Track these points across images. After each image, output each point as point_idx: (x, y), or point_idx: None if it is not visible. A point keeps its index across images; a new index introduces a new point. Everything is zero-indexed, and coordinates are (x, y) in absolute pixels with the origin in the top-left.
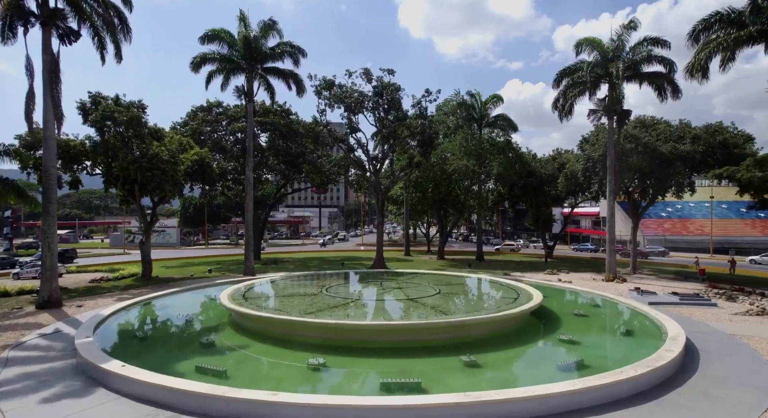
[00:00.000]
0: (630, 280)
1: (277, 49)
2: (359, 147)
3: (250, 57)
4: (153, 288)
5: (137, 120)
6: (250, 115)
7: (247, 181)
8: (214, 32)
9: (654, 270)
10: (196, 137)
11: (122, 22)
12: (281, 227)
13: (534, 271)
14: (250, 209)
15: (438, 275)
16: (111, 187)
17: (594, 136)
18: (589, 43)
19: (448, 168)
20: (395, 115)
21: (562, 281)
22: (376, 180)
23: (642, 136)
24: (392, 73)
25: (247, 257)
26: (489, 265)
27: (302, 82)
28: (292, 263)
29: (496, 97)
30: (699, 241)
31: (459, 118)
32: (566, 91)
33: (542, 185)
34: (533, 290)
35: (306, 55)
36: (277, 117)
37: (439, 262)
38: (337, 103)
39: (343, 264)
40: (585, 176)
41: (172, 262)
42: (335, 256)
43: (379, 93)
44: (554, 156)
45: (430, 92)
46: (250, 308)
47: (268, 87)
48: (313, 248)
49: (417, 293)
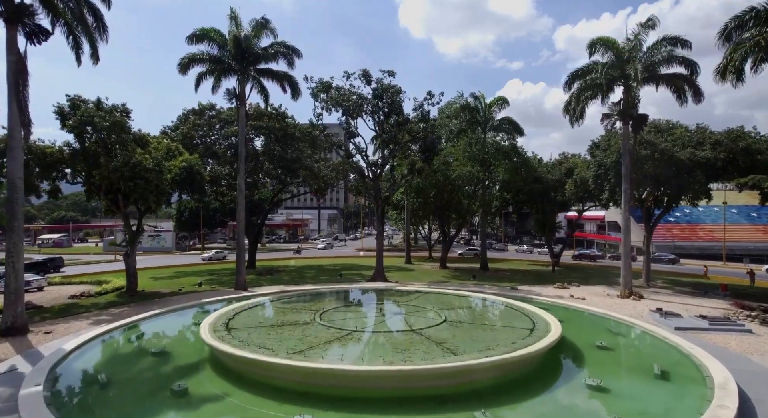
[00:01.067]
0: (646, 296)
1: (271, 49)
2: (358, 152)
3: (241, 58)
4: (135, 307)
5: (119, 125)
6: (241, 120)
7: (239, 189)
8: (203, 31)
9: (668, 282)
10: (186, 142)
11: (97, 20)
12: (279, 230)
13: (542, 283)
14: (241, 219)
15: (442, 295)
16: (93, 196)
17: (605, 141)
18: (603, 44)
19: (452, 174)
20: (396, 119)
21: (574, 297)
22: (375, 187)
23: (658, 142)
24: (392, 75)
25: (239, 271)
26: (494, 275)
27: (297, 84)
28: (287, 273)
29: (501, 100)
30: (709, 247)
31: (462, 121)
32: (579, 95)
33: (549, 191)
34: (549, 316)
35: (301, 56)
36: (272, 121)
37: (441, 272)
38: (335, 106)
39: (341, 275)
40: (596, 183)
41: (163, 271)
42: (333, 264)
43: (379, 96)
44: (561, 160)
45: (433, 95)
46: (231, 345)
47: (262, 89)
48: (311, 253)
49: (420, 322)
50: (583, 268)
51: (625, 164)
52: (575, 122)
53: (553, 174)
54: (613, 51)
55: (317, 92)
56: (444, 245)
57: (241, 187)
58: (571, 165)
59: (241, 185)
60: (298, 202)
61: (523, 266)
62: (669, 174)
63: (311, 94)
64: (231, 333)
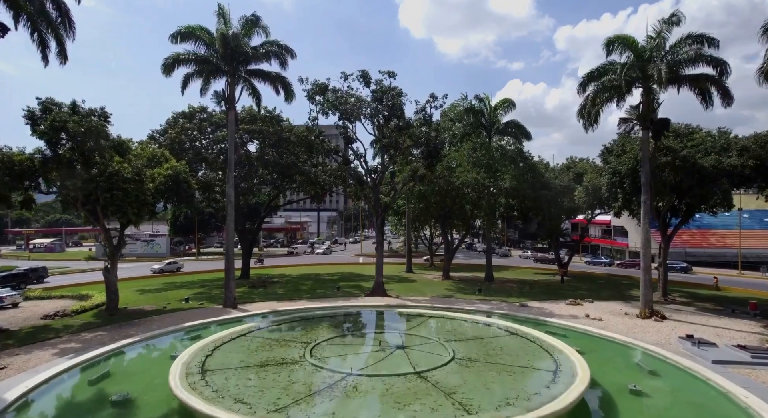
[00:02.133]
0: (668, 314)
1: (262, 49)
2: (356, 158)
3: (230, 58)
4: (110, 331)
5: (96, 131)
6: (231, 124)
7: (228, 199)
8: (188, 29)
9: (686, 295)
10: (175, 147)
11: (63, 15)
12: (278, 233)
13: (552, 298)
14: (231, 231)
15: (447, 319)
16: (70, 207)
17: (618, 146)
18: (621, 42)
19: (455, 181)
20: (396, 123)
21: (590, 317)
22: (375, 195)
23: (678, 148)
24: (393, 76)
25: (227, 287)
26: (500, 288)
27: (290, 86)
28: (282, 285)
29: (507, 102)
30: (720, 254)
31: (466, 125)
32: (595, 98)
33: (557, 198)
34: (571, 352)
35: (295, 56)
36: (266, 124)
37: (444, 284)
38: (332, 109)
39: (339, 289)
40: (610, 192)
41: (152, 282)
42: (331, 272)
43: (379, 98)
44: (568, 165)
45: (436, 97)
46: (202, 399)
47: (253, 92)
48: (308, 260)
49: (425, 360)
50: (593, 277)
51: (645, 173)
52: (590, 127)
53: (561, 180)
54: (632, 50)
55: (312, 95)
56: (447, 254)
57: (230, 197)
58: (579, 170)
59: (231, 195)
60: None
61: (529, 274)
62: (691, 183)
63: (306, 97)
64: (206, 377)
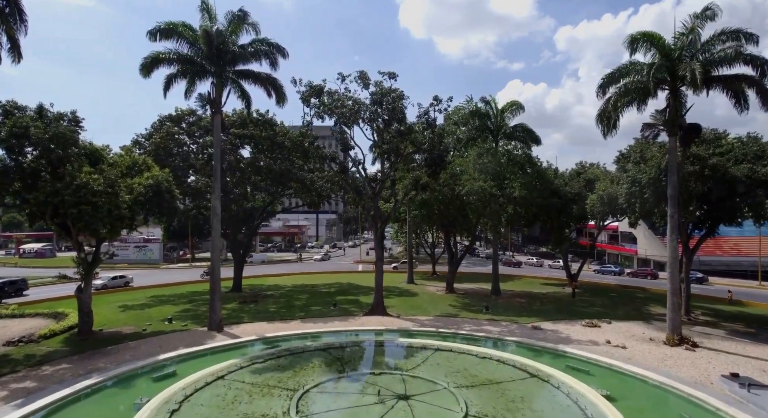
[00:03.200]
0: (697, 339)
1: (250, 47)
2: (354, 165)
3: (216, 57)
4: (76, 363)
5: (64, 138)
6: (216, 130)
7: (213, 211)
8: (169, 26)
9: (710, 313)
10: (160, 153)
11: (11, 5)
12: (276, 237)
13: (566, 317)
14: (216, 247)
15: (456, 354)
16: (37, 221)
17: (636, 152)
18: (647, 40)
19: (461, 189)
20: (397, 128)
21: (611, 343)
22: (374, 206)
23: (706, 156)
24: (394, 78)
25: (213, 308)
26: (509, 304)
27: (282, 88)
28: (275, 301)
29: (515, 105)
30: (735, 263)
31: (471, 128)
32: (617, 101)
33: (567, 205)
34: (602, 401)
35: (287, 56)
36: (258, 128)
37: (448, 298)
38: (328, 113)
39: (335, 305)
40: (629, 202)
41: (137, 296)
42: (328, 283)
43: (378, 101)
44: (578, 170)
45: (440, 100)
46: None
47: (243, 94)
48: (305, 268)
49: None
50: (604, 289)
51: (672, 184)
52: (609, 133)
53: (571, 187)
54: (659, 49)
55: (307, 97)
56: (451, 266)
57: (215, 209)
58: (590, 176)
59: (216, 207)
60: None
61: (537, 286)
62: (721, 194)
63: (301, 99)
64: None
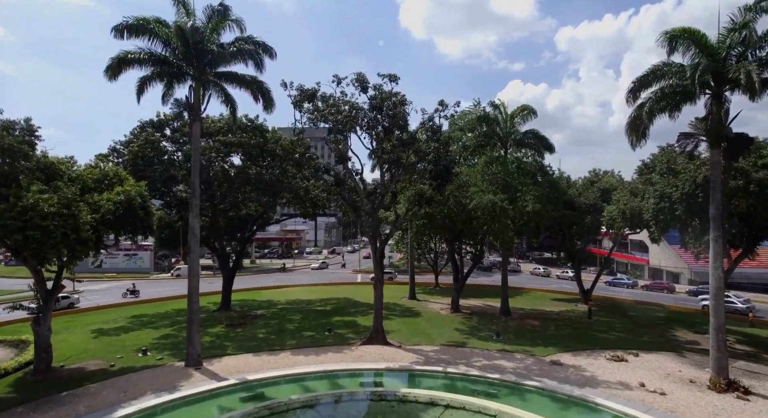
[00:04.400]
0: (746, 382)
1: (232, 46)
2: (350, 177)
3: (195, 58)
4: None
5: (11, 151)
6: (195, 139)
7: (191, 232)
8: (139, 22)
9: (747, 341)
10: (138, 163)
11: None
12: (273, 243)
13: (586, 345)
14: (195, 273)
15: (468, 411)
16: None
17: (661, 162)
18: (687, 37)
19: (468, 202)
20: (399, 136)
21: (646, 387)
22: (373, 222)
23: (750, 169)
24: (395, 80)
25: (190, 341)
26: (521, 328)
27: (269, 92)
28: (264, 324)
29: (526, 109)
30: (758, 275)
31: (479, 135)
32: (652, 108)
33: (581, 218)
34: None
35: (275, 56)
36: (248, 135)
37: (454, 320)
38: (321, 120)
39: (330, 331)
40: (656, 219)
41: (117, 315)
42: (324, 299)
43: (378, 106)
44: (592, 179)
45: (446, 105)
46: None
47: (227, 99)
48: (301, 279)
49: None
50: (620, 305)
51: (716, 203)
52: (638, 144)
53: (586, 197)
54: (701, 47)
55: (298, 102)
56: (456, 283)
57: (194, 229)
58: (605, 185)
59: (195, 227)
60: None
61: (547, 302)
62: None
63: (292, 104)
64: None
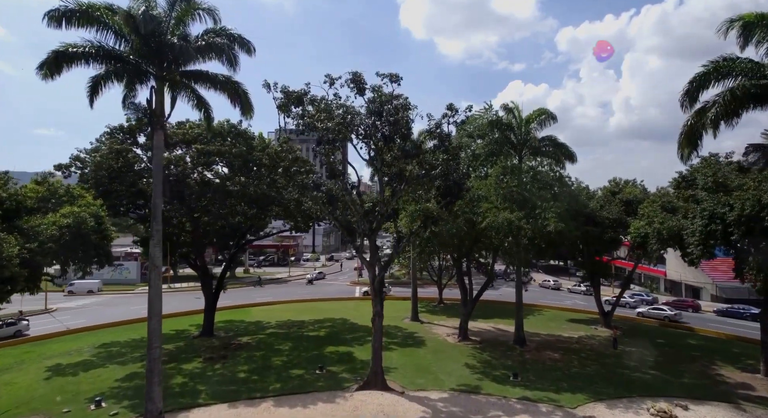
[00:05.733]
0: None
1: (200, 40)
2: (346, 193)
3: (157, 53)
4: None
5: None
6: (156, 151)
7: (151, 262)
8: (81, 7)
9: None
10: (101, 175)
11: None
12: (269, 249)
13: (621, 392)
14: (157, 312)
15: None
16: None
17: (706, 176)
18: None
19: (479, 221)
20: (401, 146)
21: None
22: (371, 246)
23: None
24: (396, 81)
25: (149, 396)
26: (540, 363)
27: (246, 94)
28: (249, 354)
29: (544, 113)
30: None
31: (491, 142)
32: (718, 114)
33: (604, 234)
34: None
35: (253, 52)
36: (230, 142)
37: (463, 351)
38: (310, 128)
39: (323, 368)
40: (704, 243)
41: (84, 342)
42: (320, 319)
43: (377, 111)
44: (612, 189)
45: (456, 109)
46: None
47: (200, 102)
48: (295, 293)
49: None
50: (645, 330)
51: None
52: (689, 158)
53: (609, 211)
54: None
55: (283, 106)
56: (465, 307)
57: (154, 259)
58: (628, 197)
59: (156, 257)
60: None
61: (564, 323)
62: None
63: (278, 108)
64: None
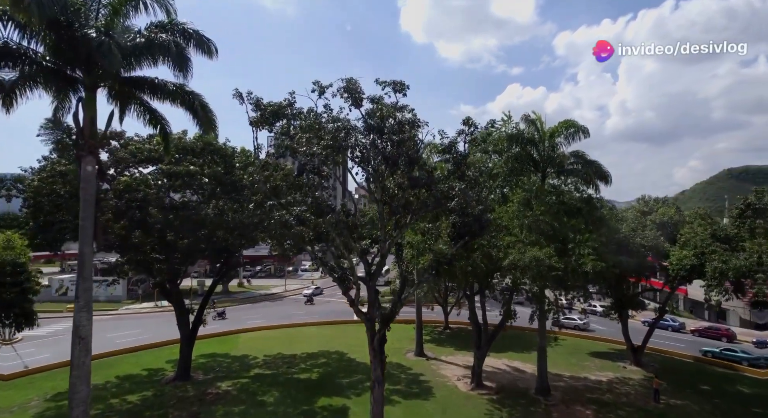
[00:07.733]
0: None
1: (137, 38)
2: (337, 234)
3: (85, 55)
4: None
5: None
6: (85, 183)
7: (74, 332)
8: None
9: None
10: (42, 203)
11: None
12: (266, 260)
13: None
14: (83, 374)
15: None
16: None
17: None
18: None
19: (501, 257)
20: (407, 172)
21: None
22: (369, 298)
23: None
24: (401, 91)
25: None
26: None
27: (204, 107)
28: (226, 412)
29: (572, 126)
30: None
31: (510, 159)
32: None
33: (642, 263)
34: None
35: (214, 54)
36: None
37: (478, 405)
38: (292, 154)
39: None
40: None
41: (40, 387)
42: (314, 354)
43: (377, 128)
44: (642, 208)
45: (474, 124)
46: None
47: (152, 116)
48: (290, 314)
49: None
50: (679, 367)
51: None
52: None
53: (643, 238)
54: None
55: (257, 123)
56: (479, 350)
57: (79, 329)
58: (661, 218)
59: (82, 327)
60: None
61: (587, 359)
62: None
63: (250, 124)
64: None
